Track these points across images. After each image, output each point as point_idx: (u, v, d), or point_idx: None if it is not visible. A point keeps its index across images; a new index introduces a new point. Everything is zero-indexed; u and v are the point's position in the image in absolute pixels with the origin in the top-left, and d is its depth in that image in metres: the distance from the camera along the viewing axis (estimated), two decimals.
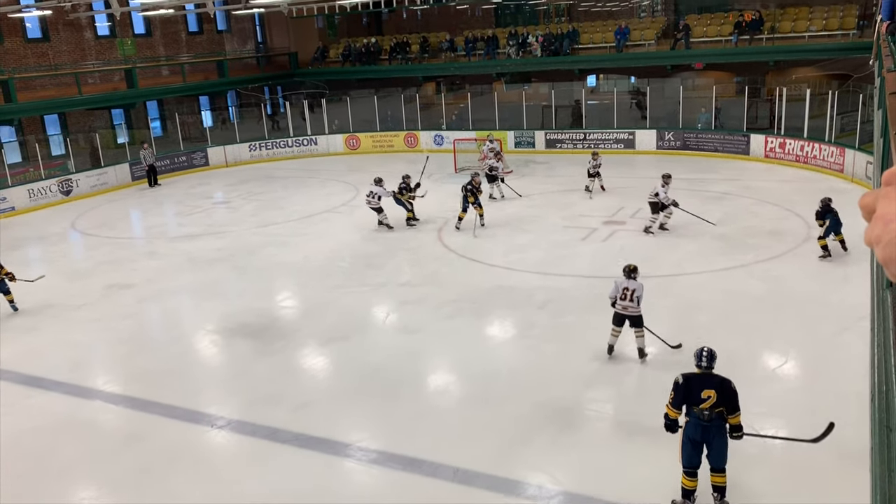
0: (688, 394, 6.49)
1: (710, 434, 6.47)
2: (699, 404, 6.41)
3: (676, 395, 6.55)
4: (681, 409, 6.58)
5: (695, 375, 6.60)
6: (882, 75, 5.86)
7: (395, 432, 8.29)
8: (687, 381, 6.55)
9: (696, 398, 6.42)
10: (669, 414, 6.64)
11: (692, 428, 6.50)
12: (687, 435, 6.54)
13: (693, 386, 6.48)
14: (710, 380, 6.51)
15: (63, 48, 27.19)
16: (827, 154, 20.45)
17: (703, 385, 6.45)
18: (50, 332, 12.03)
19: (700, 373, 6.60)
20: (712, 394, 6.38)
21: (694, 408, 6.45)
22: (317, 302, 12.83)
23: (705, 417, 6.41)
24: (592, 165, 19.65)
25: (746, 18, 25.60)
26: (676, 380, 6.61)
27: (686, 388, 6.50)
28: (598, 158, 19.91)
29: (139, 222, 20.67)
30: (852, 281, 11.72)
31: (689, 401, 6.48)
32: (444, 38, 32.26)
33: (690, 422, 6.50)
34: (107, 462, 8.17)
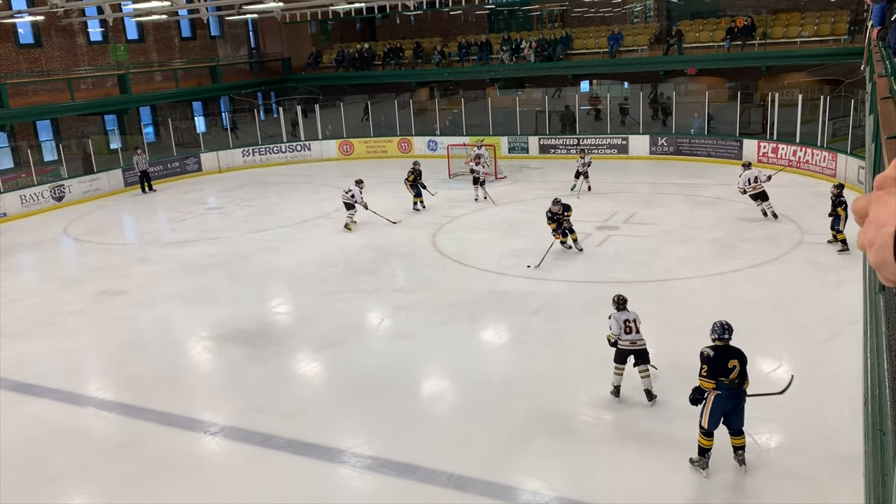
0: (719, 365, 6.89)
1: (738, 399, 7.00)
2: (727, 374, 6.89)
3: (710, 367, 6.92)
4: (715, 380, 6.92)
5: (719, 348, 7.00)
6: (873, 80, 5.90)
7: (389, 438, 8.27)
8: (717, 353, 6.95)
9: (725, 369, 6.89)
10: (705, 386, 6.97)
11: (724, 398, 6.94)
12: (719, 406, 6.96)
13: (721, 357, 6.92)
14: (732, 350, 7.01)
15: (55, 54, 27.11)
16: (819, 159, 20.54)
17: (728, 356, 6.94)
18: (42, 339, 11.97)
19: (722, 345, 7.02)
20: (736, 363, 6.93)
21: (723, 379, 6.89)
22: (310, 308, 12.80)
23: (736, 386, 6.93)
24: (581, 164, 19.84)
25: (738, 24, 25.72)
26: (707, 353, 6.97)
27: (716, 360, 6.90)
28: (587, 157, 20.08)
29: (132, 228, 20.61)
30: (845, 285, 11.77)
31: (720, 372, 6.89)
32: (437, 46, 32.32)
33: (722, 393, 6.93)
34: (99, 469, 8.12)
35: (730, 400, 6.96)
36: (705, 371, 6.94)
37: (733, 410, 7.03)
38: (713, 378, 6.93)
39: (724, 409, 7.02)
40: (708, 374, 6.93)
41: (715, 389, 6.95)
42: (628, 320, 8.73)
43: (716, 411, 7.01)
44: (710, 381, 6.95)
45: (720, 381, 6.91)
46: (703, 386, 7.00)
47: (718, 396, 6.95)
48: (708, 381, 6.95)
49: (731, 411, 7.03)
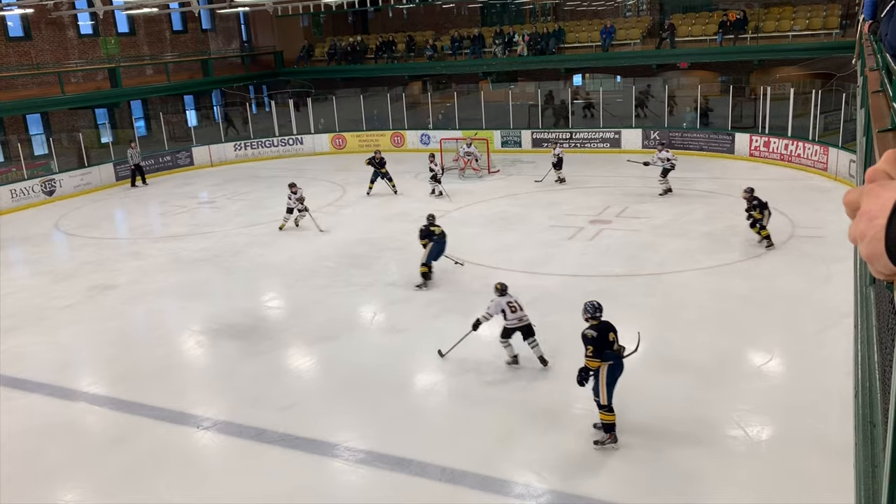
0: (603, 341, 7.44)
1: (621, 370, 7.57)
2: (611, 347, 7.44)
3: (596, 346, 7.42)
4: (602, 358, 7.43)
5: (599, 326, 7.54)
6: (864, 74, 5.91)
7: (382, 432, 8.28)
8: (599, 331, 7.48)
9: (607, 342, 7.45)
10: (593, 365, 7.47)
11: (615, 367, 7.50)
12: (612, 375, 7.49)
13: (603, 334, 7.47)
14: (607, 325, 7.58)
15: (45, 47, 26.93)
16: (811, 152, 20.61)
17: (606, 331, 7.52)
18: (33, 334, 11.92)
19: (598, 323, 7.55)
20: (614, 336, 7.54)
21: (608, 350, 7.44)
22: (303, 302, 12.79)
23: (623, 353, 7.52)
24: (554, 155, 19.91)
25: (731, 18, 25.76)
26: (590, 335, 7.45)
27: (600, 338, 7.44)
28: (558, 148, 20.18)
29: (123, 222, 20.52)
30: (836, 279, 11.82)
31: (604, 346, 7.43)
32: (430, 39, 32.24)
33: (613, 364, 7.48)
34: (92, 464, 8.11)
35: (618, 368, 7.52)
36: (591, 351, 7.42)
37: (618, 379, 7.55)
38: (599, 355, 7.41)
39: (615, 378, 7.49)
40: (594, 354, 7.42)
41: (605, 361, 7.44)
42: (510, 302, 9.57)
43: (610, 382, 7.50)
44: (596, 360, 7.43)
45: (607, 352, 7.43)
46: (591, 366, 7.46)
47: (610, 367, 7.47)
48: (594, 360, 7.43)
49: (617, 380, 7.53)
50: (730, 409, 8.34)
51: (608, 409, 7.57)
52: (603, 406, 7.57)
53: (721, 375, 9.16)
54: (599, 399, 7.56)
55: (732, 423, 8.03)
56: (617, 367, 7.50)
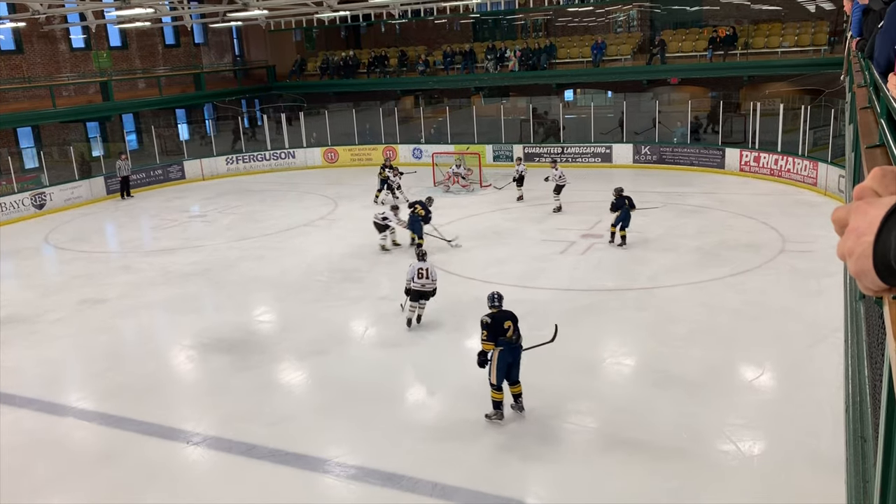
0: (497, 328, 8.24)
1: (517, 353, 8.44)
2: (505, 334, 8.27)
3: (489, 331, 8.27)
4: (495, 343, 8.27)
5: (494, 314, 8.37)
6: (853, 91, 5.97)
7: (373, 447, 8.24)
8: (493, 319, 8.30)
9: (502, 329, 8.27)
10: (487, 348, 8.34)
11: (506, 353, 8.33)
12: (503, 360, 8.32)
13: (498, 322, 8.27)
14: (505, 314, 8.42)
15: (37, 60, 26.92)
16: (800, 168, 20.76)
17: (503, 320, 8.33)
18: (22, 348, 11.83)
19: (496, 312, 8.39)
20: (510, 324, 8.34)
21: (502, 337, 8.27)
22: (294, 316, 12.74)
23: (515, 341, 8.37)
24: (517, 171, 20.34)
25: (720, 34, 26.00)
26: (485, 321, 8.30)
27: (495, 325, 8.26)
28: (521, 164, 20.56)
29: (114, 236, 20.44)
30: (826, 293, 11.88)
31: (498, 333, 8.25)
32: (422, 54, 32.39)
33: (504, 350, 8.30)
34: (81, 480, 8.03)
35: (510, 353, 8.35)
36: (485, 335, 8.28)
37: (513, 363, 8.43)
38: (493, 340, 8.27)
39: (507, 363, 8.36)
40: (488, 338, 8.28)
41: (497, 346, 8.26)
42: (421, 269, 11.25)
43: (501, 366, 8.33)
44: (490, 343, 8.29)
45: (501, 339, 8.27)
46: (486, 348, 8.33)
47: (501, 352, 8.29)
48: (488, 343, 8.29)
49: (511, 364, 8.41)
50: (721, 423, 8.35)
51: (497, 388, 8.45)
52: (493, 385, 8.45)
53: (712, 390, 9.17)
54: (490, 379, 8.43)
55: (724, 437, 8.03)
56: (507, 352, 8.33)
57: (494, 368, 8.36)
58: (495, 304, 8.49)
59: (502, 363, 8.34)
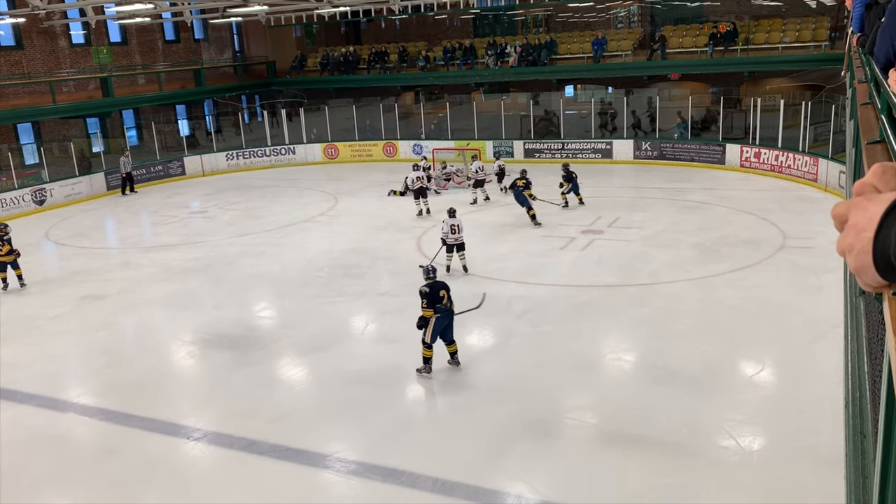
0: (434, 297, 9.45)
1: (450, 318, 9.65)
2: (441, 301, 9.48)
3: (428, 300, 9.45)
4: (434, 310, 9.43)
5: (432, 284, 9.57)
6: (853, 86, 5.97)
7: (373, 443, 8.25)
8: (431, 289, 9.50)
9: (439, 298, 9.48)
10: (427, 315, 9.48)
11: (441, 318, 9.53)
12: (439, 323, 9.52)
13: (434, 291, 9.48)
14: (440, 284, 9.66)
15: (37, 56, 26.88)
16: (801, 163, 20.75)
17: (438, 289, 9.54)
18: (22, 344, 11.84)
19: (433, 282, 9.60)
20: (444, 293, 9.56)
21: (438, 304, 9.46)
22: (295, 312, 12.75)
23: (448, 307, 9.57)
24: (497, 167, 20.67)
25: (721, 30, 25.95)
26: (424, 290, 9.48)
27: (432, 294, 9.46)
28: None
29: (114, 232, 20.45)
30: (826, 289, 11.88)
31: (435, 301, 9.45)
32: (422, 50, 32.36)
33: (440, 315, 9.50)
34: (81, 476, 8.04)
35: (445, 318, 9.57)
36: (425, 304, 9.43)
37: (448, 326, 9.64)
38: (432, 307, 9.42)
39: (441, 326, 9.56)
40: (428, 306, 9.42)
41: (435, 314, 9.43)
42: (454, 225, 13.60)
43: (436, 328, 9.54)
44: (430, 311, 9.44)
45: (437, 307, 9.42)
46: (425, 315, 9.46)
47: (438, 318, 9.50)
48: (428, 310, 9.44)
49: (446, 327, 9.62)
50: (721, 419, 8.35)
51: (428, 346, 9.64)
52: (425, 343, 9.63)
53: (712, 386, 9.18)
54: (424, 338, 9.59)
55: (724, 433, 8.04)
56: (443, 317, 9.54)
57: (430, 330, 9.54)
58: (430, 276, 9.74)
59: (438, 326, 9.56)
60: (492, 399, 9.15)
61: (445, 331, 9.66)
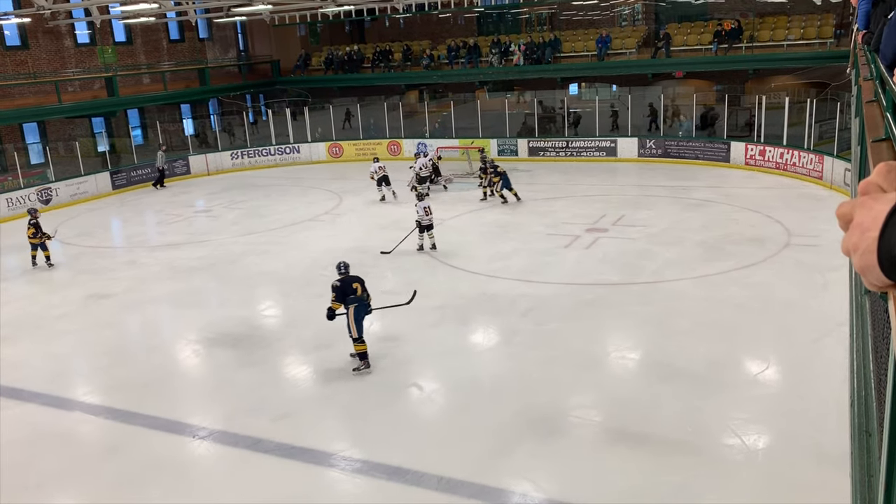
0: (345, 290, 9.69)
1: (367, 310, 9.89)
2: (355, 293, 9.68)
3: (338, 294, 9.67)
4: (342, 303, 9.67)
5: (343, 279, 9.80)
6: (859, 84, 5.95)
7: (378, 441, 8.26)
8: (342, 282, 9.74)
9: (351, 290, 9.70)
10: (335, 308, 9.71)
11: (358, 308, 9.74)
12: (359, 314, 9.75)
13: (346, 285, 9.71)
14: (352, 278, 9.86)
15: (42, 56, 26.94)
16: (806, 161, 20.69)
17: (350, 283, 9.77)
18: (29, 343, 11.88)
19: (344, 277, 9.83)
20: (358, 285, 9.77)
21: (353, 296, 9.66)
22: (299, 310, 12.77)
23: (365, 299, 9.83)
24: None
25: (726, 27, 25.88)
26: (335, 285, 9.69)
27: (343, 288, 9.69)
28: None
29: (120, 231, 20.50)
30: (831, 287, 11.85)
31: (347, 293, 9.67)
32: (427, 48, 32.34)
33: (358, 306, 9.72)
34: (87, 474, 8.07)
35: (362, 309, 9.81)
36: (334, 297, 9.68)
37: (363, 318, 9.85)
38: (341, 300, 9.68)
39: (361, 316, 9.74)
40: (336, 299, 9.69)
41: (349, 305, 9.66)
42: (427, 207, 15.10)
43: (358, 319, 9.69)
44: (338, 303, 9.69)
45: (352, 297, 9.68)
46: (334, 307, 9.70)
47: (357, 308, 9.70)
48: (336, 302, 9.68)
49: (363, 318, 9.84)
50: (726, 417, 8.34)
51: (360, 340, 9.78)
52: (355, 339, 9.79)
53: (717, 384, 9.16)
54: (352, 334, 9.75)
55: (729, 431, 8.03)
56: (361, 308, 9.78)
57: (352, 323, 9.72)
58: (342, 272, 9.98)
59: (358, 317, 9.74)
60: (496, 397, 9.15)
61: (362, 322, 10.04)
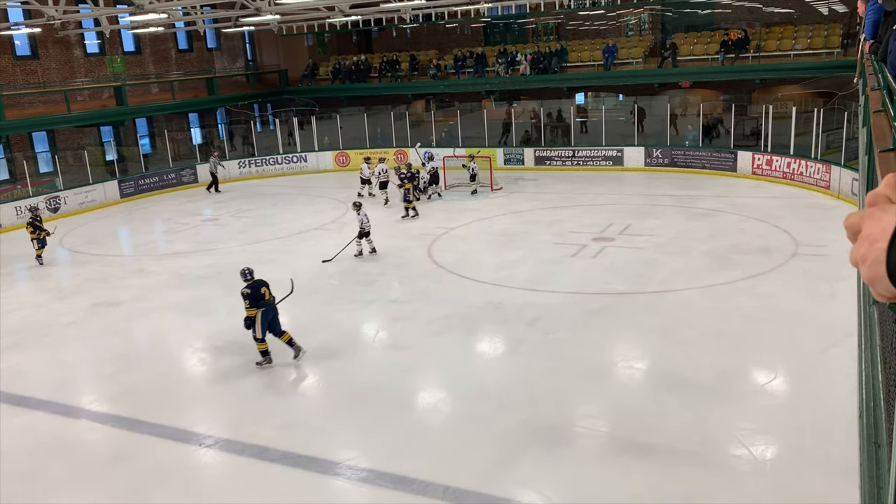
0: (255, 296, 10.19)
1: (274, 311, 10.44)
2: (264, 297, 10.23)
3: (251, 300, 10.17)
4: (256, 307, 10.16)
5: (251, 284, 10.29)
6: (866, 93, 5.94)
7: (384, 450, 8.24)
8: (252, 289, 10.21)
9: (260, 295, 10.22)
10: (251, 314, 10.21)
11: (267, 312, 10.31)
12: (265, 317, 10.27)
13: (256, 290, 10.22)
14: (259, 283, 10.35)
15: (52, 65, 27.15)
16: (813, 171, 20.64)
17: (259, 287, 10.27)
18: (36, 351, 11.92)
19: (252, 281, 10.33)
20: (265, 289, 10.32)
21: (263, 301, 10.22)
22: (305, 319, 12.76)
23: (273, 302, 10.36)
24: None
25: (732, 37, 25.90)
26: (245, 293, 10.18)
27: (254, 294, 10.19)
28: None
29: (127, 239, 20.58)
30: (839, 297, 11.80)
31: (258, 299, 10.19)
32: (433, 58, 32.45)
33: (265, 311, 10.27)
34: (93, 482, 8.08)
35: (269, 312, 10.31)
36: (247, 304, 10.15)
37: (273, 318, 10.39)
38: (255, 306, 10.16)
39: (267, 319, 10.28)
40: (251, 305, 10.15)
41: (259, 309, 10.16)
42: (366, 214, 15.74)
43: (263, 322, 10.26)
44: (253, 309, 10.17)
45: (262, 302, 10.16)
46: (250, 314, 10.19)
47: (263, 312, 10.22)
48: (252, 309, 10.17)
49: (272, 321, 10.37)
50: (733, 427, 8.30)
51: (261, 341, 10.38)
52: (257, 339, 10.37)
53: (724, 394, 9.12)
54: (255, 334, 10.30)
55: (736, 441, 8.00)
56: (268, 311, 10.30)
57: (258, 325, 10.25)
58: (248, 278, 10.38)
59: (265, 320, 10.29)
60: (502, 406, 9.13)
61: (273, 324, 10.42)
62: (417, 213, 19.76)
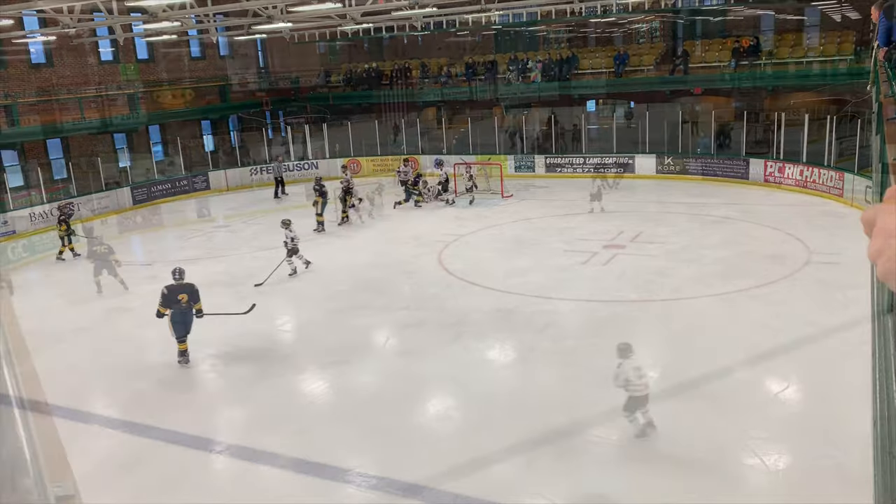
0: (170, 298, 10.86)
1: (186, 317, 11.02)
2: (179, 303, 10.86)
3: (164, 300, 10.90)
4: (168, 307, 10.88)
5: (173, 286, 10.95)
6: (880, 101, 5.91)
7: (394, 457, 8.23)
8: (170, 290, 10.93)
9: (176, 300, 10.86)
10: (161, 311, 10.98)
11: (178, 315, 10.93)
12: (174, 319, 10.94)
13: (173, 293, 10.89)
14: (181, 288, 10.98)
15: (66, 73, 27.38)
16: (826, 178, 20.52)
17: (179, 292, 10.93)
18: (48, 356, 11.98)
19: (176, 284, 10.96)
20: (184, 296, 10.91)
21: (176, 305, 10.87)
22: (316, 326, 12.80)
23: (183, 308, 10.96)
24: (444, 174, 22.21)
25: (744, 44, 25.81)
26: (163, 291, 10.90)
27: (169, 295, 10.89)
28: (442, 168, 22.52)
29: (139, 246, 20.68)
30: (852, 306, 11.69)
31: (172, 301, 10.85)
32: (444, 66, 32.52)
33: (176, 312, 10.91)
34: (105, 488, 8.09)
35: (180, 316, 10.96)
36: (160, 302, 10.91)
37: (183, 324, 10.99)
38: (167, 306, 10.88)
39: (176, 322, 10.91)
40: (162, 304, 10.91)
41: (170, 309, 10.85)
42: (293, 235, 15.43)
43: (173, 324, 10.92)
44: (164, 308, 10.92)
45: (175, 306, 10.83)
46: (161, 311, 10.95)
47: (173, 314, 10.91)
48: (163, 307, 10.92)
49: (185, 323, 10.97)
50: (746, 437, 8.24)
51: (181, 341, 11.05)
52: (177, 339, 11.04)
53: (736, 403, 9.06)
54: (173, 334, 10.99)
55: (749, 450, 7.94)
56: (178, 315, 10.95)
57: (171, 326, 10.98)
58: (176, 278, 11.04)
59: (174, 322, 10.92)
60: (513, 414, 9.10)
61: (187, 327, 11.03)
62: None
